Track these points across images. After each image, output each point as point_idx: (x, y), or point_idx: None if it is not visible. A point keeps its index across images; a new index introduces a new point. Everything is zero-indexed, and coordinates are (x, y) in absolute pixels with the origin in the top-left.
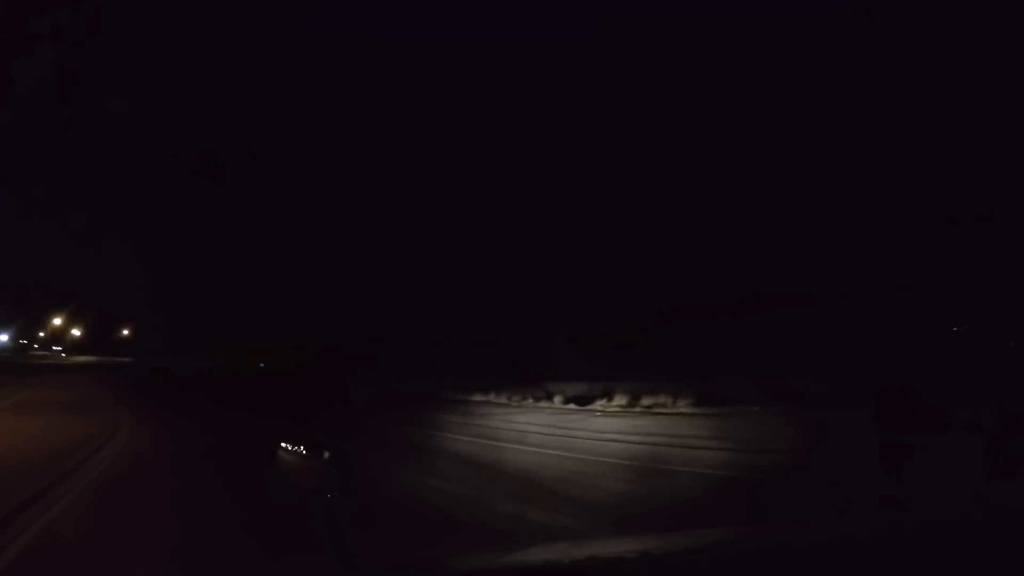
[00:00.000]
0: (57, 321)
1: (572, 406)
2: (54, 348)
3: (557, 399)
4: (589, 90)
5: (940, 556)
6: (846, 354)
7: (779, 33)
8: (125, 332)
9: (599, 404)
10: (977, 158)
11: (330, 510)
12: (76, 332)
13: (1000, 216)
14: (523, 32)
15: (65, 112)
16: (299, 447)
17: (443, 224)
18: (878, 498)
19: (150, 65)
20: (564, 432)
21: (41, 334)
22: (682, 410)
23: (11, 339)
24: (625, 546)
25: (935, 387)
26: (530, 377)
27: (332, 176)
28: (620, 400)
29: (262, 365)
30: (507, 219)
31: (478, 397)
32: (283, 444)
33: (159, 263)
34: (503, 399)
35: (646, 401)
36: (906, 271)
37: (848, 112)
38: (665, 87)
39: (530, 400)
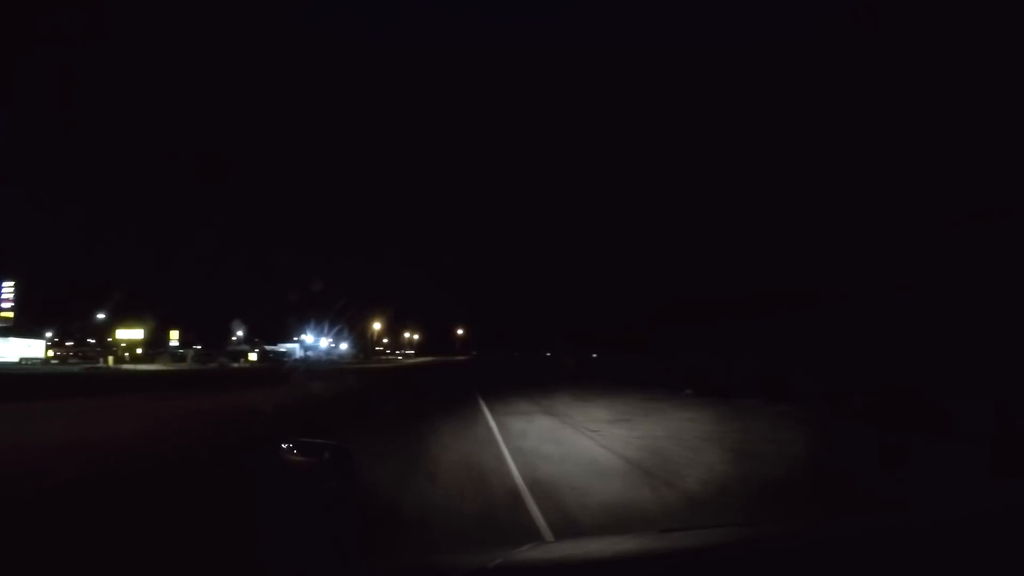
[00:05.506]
0: (377, 326)
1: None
2: (405, 352)
3: None
4: (589, 91)
5: (941, 555)
6: (846, 354)
7: (779, 34)
8: (460, 332)
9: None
10: (977, 158)
11: (329, 509)
12: (412, 336)
13: (1000, 216)
14: (523, 32)
15: (65, 112)
16: (300, 447)
17: (442, 222)
18: (879, 498)
19: (150, 65)
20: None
21: (386, 341)
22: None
23: (352, 347)
24: (625, 546)
25: (936, 387)
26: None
27: (332, 175)
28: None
29: (595, 356)
30: (506, 217)
31: None
32: (284, 444)
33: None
34: None
35: None
36: (906, 271)
37: (848, 112)
38: (664, 88)
39: None
